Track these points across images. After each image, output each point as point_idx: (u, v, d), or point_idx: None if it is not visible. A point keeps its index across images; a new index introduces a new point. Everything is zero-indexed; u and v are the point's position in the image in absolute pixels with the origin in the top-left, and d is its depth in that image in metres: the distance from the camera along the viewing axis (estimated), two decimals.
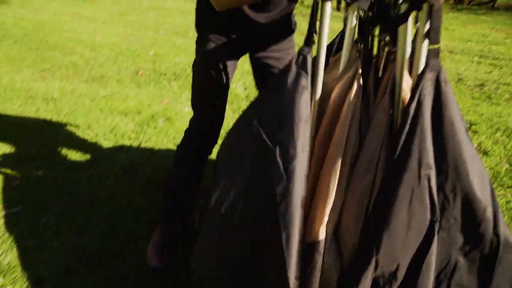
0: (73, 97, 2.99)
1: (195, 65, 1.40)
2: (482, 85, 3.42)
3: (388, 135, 0.92)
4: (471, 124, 2.70)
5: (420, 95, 0.83)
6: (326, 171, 0.94)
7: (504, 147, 2.43)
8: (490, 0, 8.20)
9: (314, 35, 0.92)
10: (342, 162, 0.92)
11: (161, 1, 6.91)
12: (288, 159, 0.87)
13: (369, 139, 0.90)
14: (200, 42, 1.36)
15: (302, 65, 0.91)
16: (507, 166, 2.23)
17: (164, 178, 1.69)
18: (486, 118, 2.80)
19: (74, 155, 2.22)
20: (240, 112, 2.82)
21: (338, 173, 0.92)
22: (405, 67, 0.97)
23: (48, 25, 5.14)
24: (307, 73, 0.90)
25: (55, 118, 2.67)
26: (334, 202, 0.95)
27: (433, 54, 0.83)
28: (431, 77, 0.83)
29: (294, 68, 0.92)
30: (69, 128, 2.53)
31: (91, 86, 3.21)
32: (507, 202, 1.92)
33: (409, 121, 0.83)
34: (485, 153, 2.35)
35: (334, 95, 0.96)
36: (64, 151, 2.26)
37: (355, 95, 0.94)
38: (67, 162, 2.16)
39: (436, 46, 0.82)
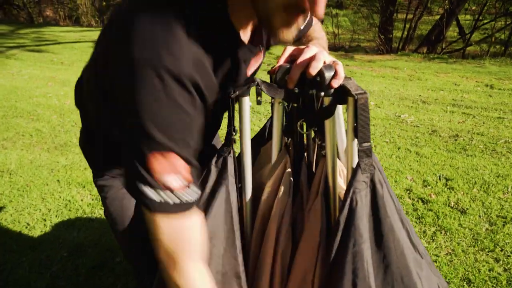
0: (31, 168, 2.82)
1: (108, 216, 1.05)
2: (456, 136, 3.37)
3: (324, 244, 0.76)
4: (447, 180, 2.59)
5: (351, 202, 0.68)
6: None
7: (483, 203, 2.30)
8: (460, 48, 8.54)
9: (234, 133, 0.77)
10: (272, 273, 0.76)
11: None
12: None
13: (303, 249, 0.75)
14: (101, 183, 0.99)
15: (222, 169, 0.76)
16: (487, 226, 2.09)
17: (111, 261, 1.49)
18: (463, 172, 2.70)
19: (19, 236, 2.02)
20: None
21: None
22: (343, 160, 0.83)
23: (20, 90, 5.07)
24: (226, 177, 0.75)
25: (7, 192, 2.49)
26: None
27: (364, 153, 0.69)
28: (364, 179, 0.69)
29: (213, 173, 0.77)
30: (20, 203, 2.34)
31: (52, 155, 3.06)
32: (490, 270, 1.76)
33: (339, 234, 0.68)
34: (463, 211, 2.22)
35: (265, 194, 0.81)
36: (9, 230, 2.06)
37: (283, 195, 0.79)
38: (9, 245, 1.95)
39: (365, 145, 0.68)
